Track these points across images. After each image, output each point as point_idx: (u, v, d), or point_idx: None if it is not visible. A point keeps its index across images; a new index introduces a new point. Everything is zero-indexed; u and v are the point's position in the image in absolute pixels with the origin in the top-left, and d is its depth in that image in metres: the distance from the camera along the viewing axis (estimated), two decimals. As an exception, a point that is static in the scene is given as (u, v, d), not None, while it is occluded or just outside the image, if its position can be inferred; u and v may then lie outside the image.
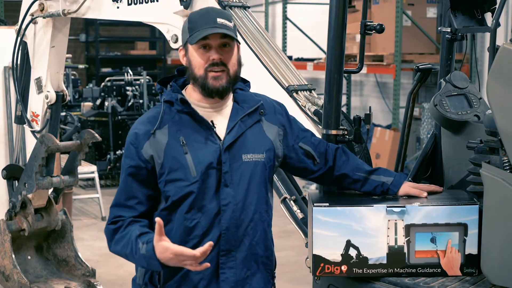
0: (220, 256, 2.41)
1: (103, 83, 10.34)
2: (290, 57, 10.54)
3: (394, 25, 8.63)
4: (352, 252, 2.34)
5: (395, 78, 8.79)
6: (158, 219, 2.24)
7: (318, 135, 2.76)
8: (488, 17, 2.75)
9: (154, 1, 3.57)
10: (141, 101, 9.83)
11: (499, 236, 2.18)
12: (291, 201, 3.08)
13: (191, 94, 2.47)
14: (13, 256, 4.54)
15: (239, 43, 2.46)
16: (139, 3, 3.65)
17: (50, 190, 4.73)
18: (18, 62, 4.54)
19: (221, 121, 2.46)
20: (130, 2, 3.71)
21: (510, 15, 8.06)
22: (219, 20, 2.36)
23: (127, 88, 10.10)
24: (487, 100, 2.24)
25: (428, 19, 8.99)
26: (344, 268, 2.35)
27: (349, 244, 2.33)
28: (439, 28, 2.96)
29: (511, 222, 2.13)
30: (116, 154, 9.44)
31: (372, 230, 2.33)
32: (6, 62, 5.15)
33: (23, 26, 4.39)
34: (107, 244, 2.50)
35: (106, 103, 9.68)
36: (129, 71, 10.46)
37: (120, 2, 3.76)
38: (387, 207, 2.33)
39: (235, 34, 2.40)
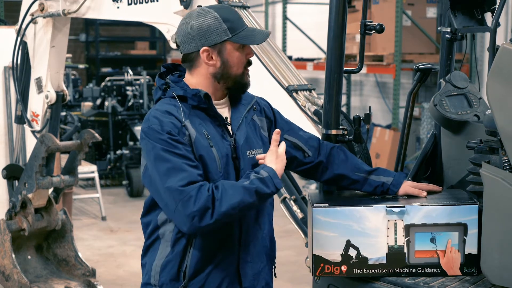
0: (240, 251, 2.44)
1: (103, 83, 10.33)
2: (290, 57, 10.54)
3: (394, 25, 8.63)
4: (352, 252, 2.34)
5: (395, 78, 8.78)
6: (277, 130, 2.36)
7: (318, 135, 2.76)
8: (488, 17, 2.75)
9: (154, 1, 3.57)
10: (141, 101, 9.83)
11: (499, 236, 2.18)
12: (291, 201, 3.09)
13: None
14: (13, 255, 4.55)
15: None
16: (139, 3, 3.65)
17: (50, 190, 4.73)
18: (18, 62, 4.55)
19: (228, 117, 2.48)
20: (130, 2, 3.71)
21: (510, 15, 8.06)
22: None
23: (127, 88, 10.10)
24: (487, 100, 2.24)
25: (428, 19, 8.99)
26: (344, 268, 2.35)
27: (349, 244, 2.33)
28: (439, 28, 2.96)
29: (511, 222, 2.13)
30: (116, 154, 9.44)
31: (372, 230, 2.33)
32: (6, 62, 5.16)
33: (23, 26, 4.39)
34: (200, 215, 2.19)
35: (106, 103, 9.68)
36: (129, 71, 10.45)
37: (120, 2, 3.77)
38: (387, 207, 2.33)
39: None
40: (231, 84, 2.42)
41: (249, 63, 2.43)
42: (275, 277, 2.65)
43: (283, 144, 2.39)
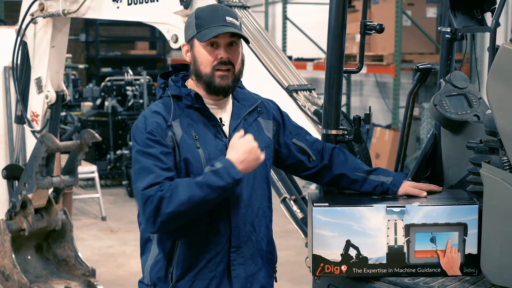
0: (231, 253, 2.43)
1: (103, 83, 10.34)
2: (290, 57, 10.54)
3: (394, 25, 8.63)
4: (352, 252, 2.34)
5: (395, 78, 8.79)
6: (242, 131, 2.32)
7: (318, 135, 2.76)
8: (488, 17, 2.76)
9: (154, 1, 3.57)
10: (141, 101, 9.83)
11: (499, 236, 2.18)
12: (291, 201, 3.09)
13: (194, 89, 2.47)
14: (13, 256, 4.55)
15: (248, 43, 2.47)
16: (139, 3, 3.65)
17: (50, 190, 4.73)
18: (18, 62, 4.55)
19: (224, 118, 2.47)
20: (130, 2, 3.71)
21: (510, 15, 8.07)
22: (228, 18, 2.37)
23: (127, 88, 10.10)
24: (487, 100, 2.24)
25: (428, 19, 8.99)
26: (344, 268, 2.35)
27: (349, 244, 2.34)
28: (439, 28, 2.96)
29: (511, 222, 2.13)
30: (116, 154, 9.44)
31: (372, 230, 2.33)
32: (6, 62, 5.16)
33: (23, 26, 4.39)
34: (153, 216, 2.22)
35: (106, 103, 9.68)
36: (129, 71, 10.46)
37: (120, 2, 3.77)
38: (387, 207, 2.33)
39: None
40: (203, 84, 2.41)
41: (222, 63, 2.37)
42: (276, 281, 2.64)
43: (248, 135, 2.33)
